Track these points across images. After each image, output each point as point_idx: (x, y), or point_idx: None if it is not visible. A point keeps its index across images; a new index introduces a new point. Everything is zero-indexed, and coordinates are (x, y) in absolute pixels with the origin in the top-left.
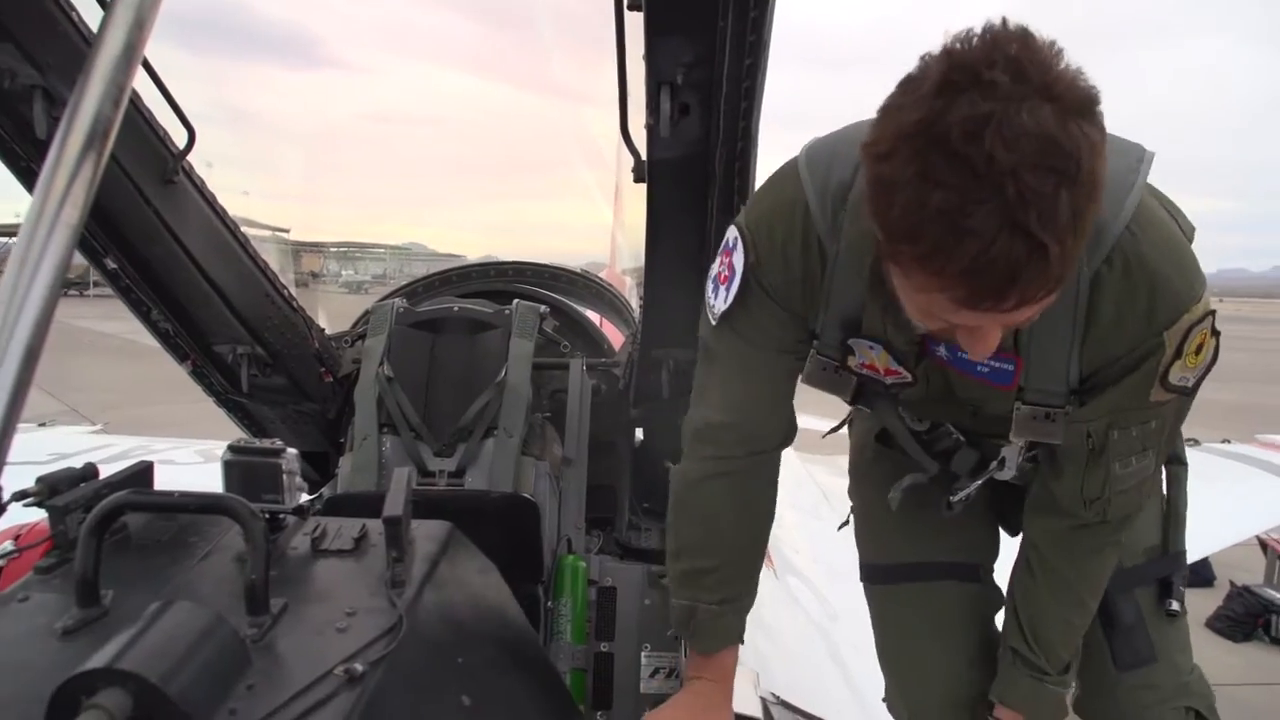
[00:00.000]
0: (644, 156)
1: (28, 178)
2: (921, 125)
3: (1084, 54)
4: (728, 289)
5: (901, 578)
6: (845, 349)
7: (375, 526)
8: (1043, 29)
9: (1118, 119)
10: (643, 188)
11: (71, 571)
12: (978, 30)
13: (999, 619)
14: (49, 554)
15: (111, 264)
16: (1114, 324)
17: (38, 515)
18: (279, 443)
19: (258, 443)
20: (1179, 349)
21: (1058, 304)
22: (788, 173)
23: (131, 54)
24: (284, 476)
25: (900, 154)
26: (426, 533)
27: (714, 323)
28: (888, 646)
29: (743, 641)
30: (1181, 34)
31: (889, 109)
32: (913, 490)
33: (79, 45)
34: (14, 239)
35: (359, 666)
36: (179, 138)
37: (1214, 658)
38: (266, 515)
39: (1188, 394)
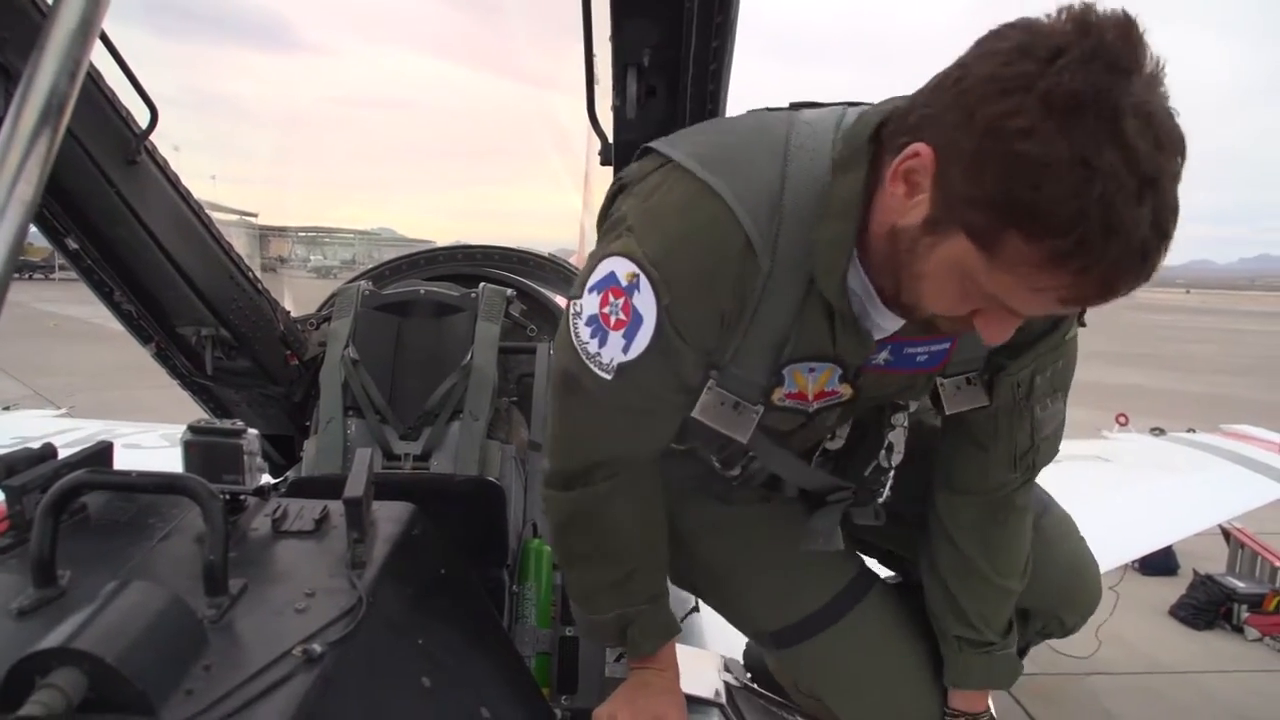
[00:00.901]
0: (611, 139)
1: None
2: (1081, 100)
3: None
4: (627, 337)
5: (822, 624)
6: (775, 378)
7: (337, 508)
8: (1008, 10)
9: None
10: (610, 171)
11: (28, 552)
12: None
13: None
14: (5, 535)
15: (73, 244)
16: None
17: None
18: (240, 423)
19: (218, 423)
20: None
21: None
22: (691, 192)
23: (88, 27)
24: (245, 457)
25: (1048, 131)
26: (389, 514)
27: (601, 374)
28: (840, 687)
29: (680, 630)
30: (1149, 23)
31: (1018, 77)
32: (784, 528)
33: (34, 18)
34: None
35: (317, 647)
36: (142, 118)
37: (1177, 645)
38: (227, 496)
39: (1082, 325)
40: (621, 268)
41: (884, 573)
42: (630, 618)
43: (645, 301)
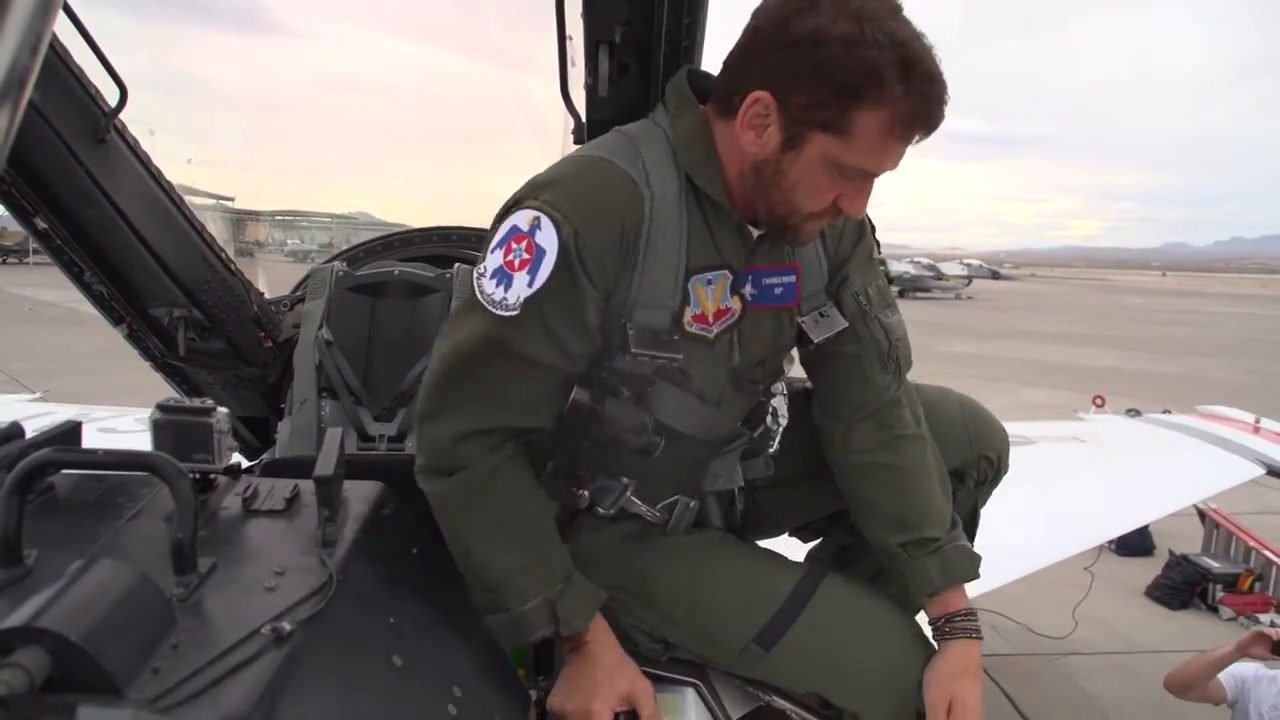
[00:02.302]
0: (584, 118)
1: None
2: None
3: (1020, 28)
4: (530, 272)
5: (798, 608)
6: (681, 295)
7: (308, 487)
8: (975, 2)
9: (1054, 92)
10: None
11: None
12: None
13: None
14: None
15: (42, 224)
16: None
17: None
18: (209, 401)
19: (188, 402)
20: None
21: None
22: (571, 158)
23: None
24: (214, 436)
25: (853, 26)
26: (360, 494)
27: (507, 313)
28: (834, 666)
29: (606, 593)
30: (1120, 6)
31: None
32: (731, 544)
33: None
34: None
35: (286, 625)
36: (111, 98)
37: (1152, 625)
38: (196, 475)
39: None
40: (522, 218)
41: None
42: (554, 598)
43: (547, 237)
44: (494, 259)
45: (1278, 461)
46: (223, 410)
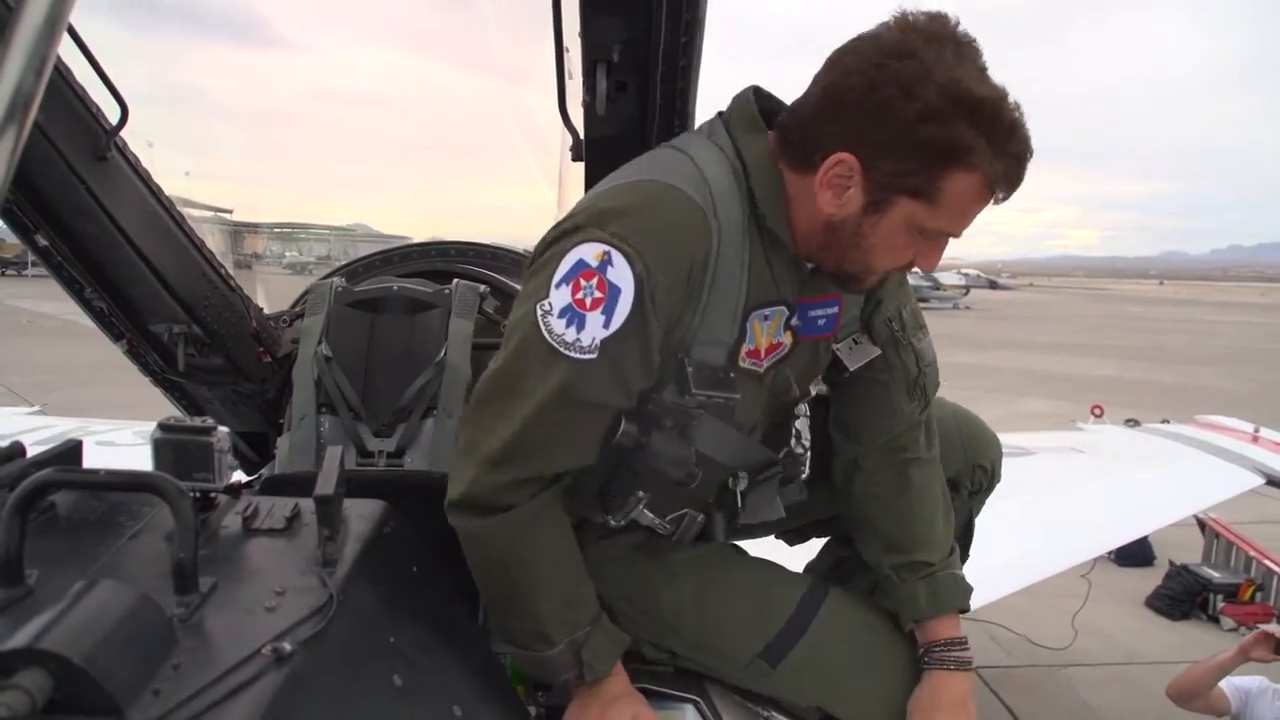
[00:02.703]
0: (582, 135)
1: None
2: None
3: (1013, 36)
4: (606, 312)
5: (804, 623)
6: (739, 331)
7: (308, 506)
8: (971, 10)
9: (1050, 101)
10: (581, 167)
11: None
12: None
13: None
14: None
15: (43, 240)
16: None
17: None
18: (210, 420)
19: (188, 420)
20: None
21: None
22: (632, 182)
23: (55, 21)
24: (215, 455)
25: (945, 91)
26: (360, 512)
27: (582, 356)
28: (838, 681)
29: (629, 639)
30: (1116, 12)
31: (901, 74)
32: (734, 555)
33: (1, 14)
34: None
35: (287, 645)
36: (112, 115)
37: (1153, 636)
38: (197, 494)
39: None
40: (589, 251)
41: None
42: (580, 642)
43: (621, 273)
44: (560, 296)
45: (1277, 471)
46: (223, 429)
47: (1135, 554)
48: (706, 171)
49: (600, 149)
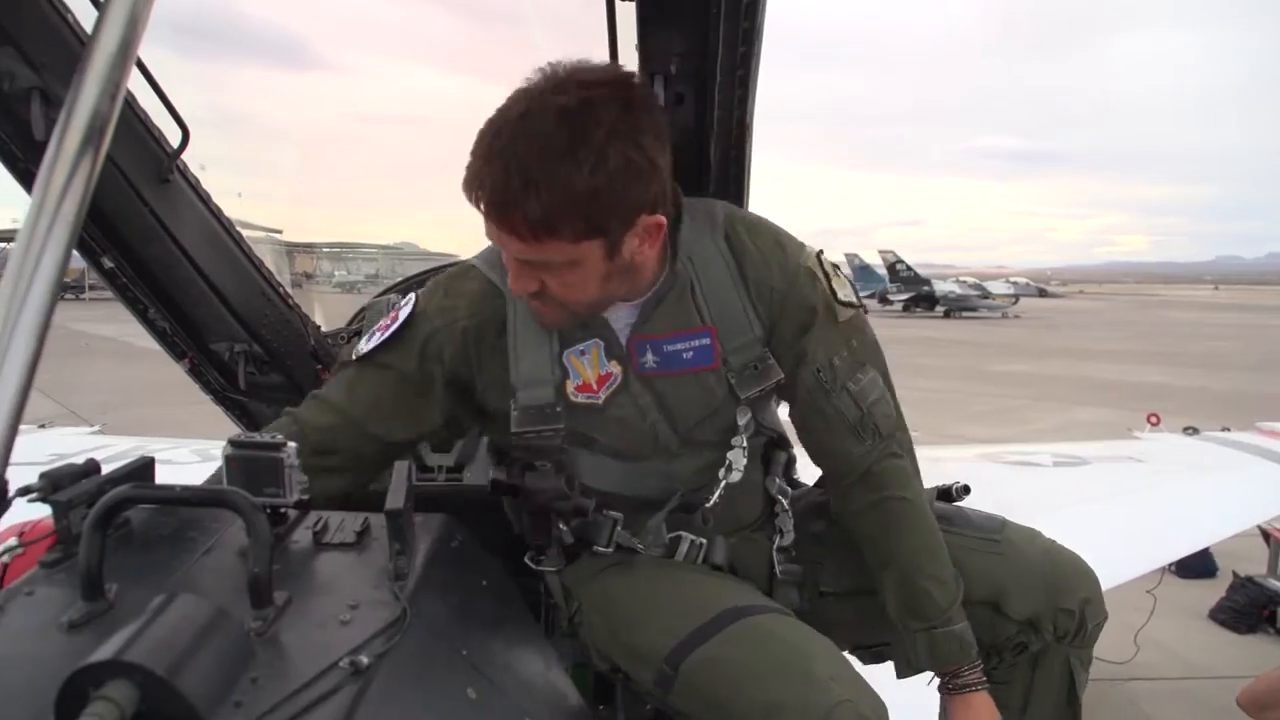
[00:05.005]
0: None
1: (27, 180)
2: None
3: (1055, 44)
4: (383, 329)
5: (711, 632)
6: (559, 369)
7: (377, 520)
8: (1015, 15)
9: (1091, 106)
10: None
11: (76, 566)
12: None
13: None
14: (53, 549)
15: (109, 263)
16: (760, 261)
17: (40, 512)
18: (279, 436)
19: (258, 436)
20: (825, 273)
21: (713, 268)
22: (456, 269)
23: (127, 50)
24: (285, 470)
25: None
26: (429, 526)
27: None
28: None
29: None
30: (1151, 23)
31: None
32: (688, 570)
33: (74, 46)
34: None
35: (365, 658)
36: (173, 138)
37: (1218, 649)
38: (268, 509)
39: (858, 307)
40: (397, 305)
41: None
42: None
43: (406, 305)
44: (366, 341)
45: None
46: (292, 445)
47: (1197, 566)
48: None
49: None
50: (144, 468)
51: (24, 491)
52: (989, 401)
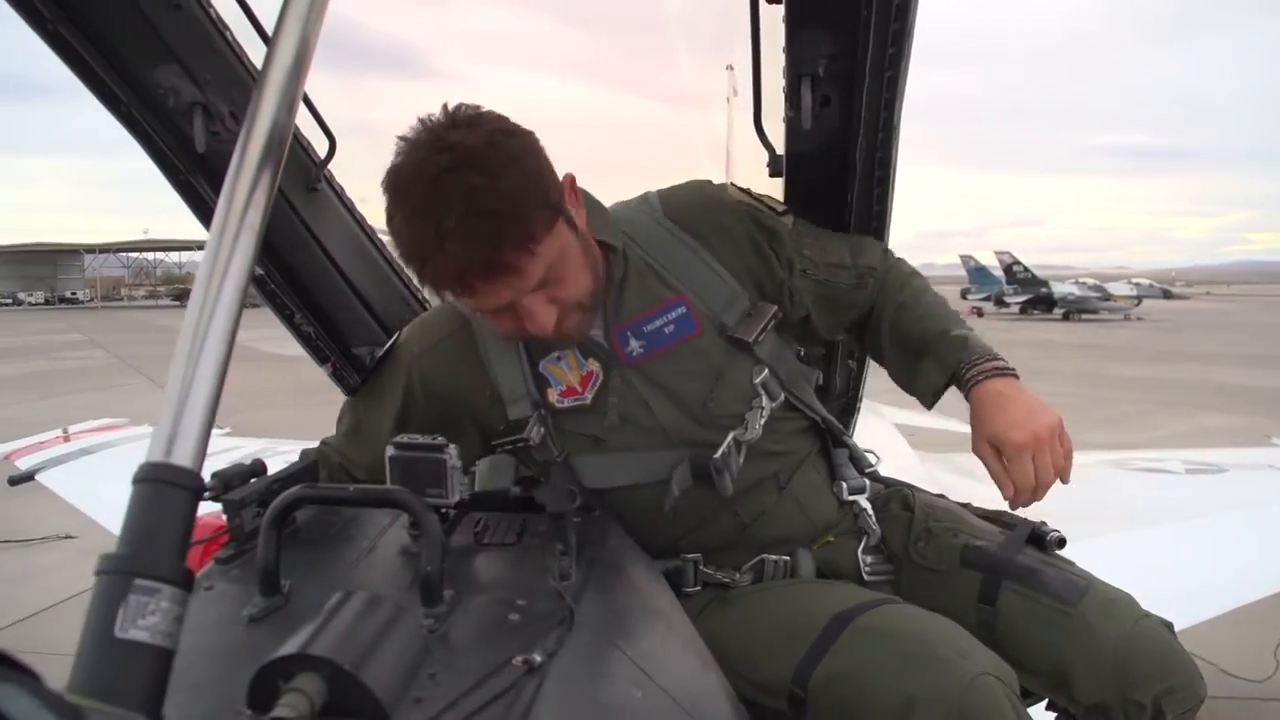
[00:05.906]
0: (779, 151)
1: (186, 191)
2: None
3: (1180, 38)
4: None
5: (826, 646)
6: (538, 379)
7: (534, 521)
8: (1140, 4)
9: (1219, 100)
10: (779, 183)
11: (249, 562)
12: None
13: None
14: (226, 546)
15: (259, 270)
16: (701, 207)
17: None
18: (440, 438)
19: (420, 438)
20: (749, 193)
21: (667, 245)
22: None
23: (301, 62)
24: (448, 471)
25: None
26: (589, 526)
27: None
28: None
29: None
30: (1237, 20)
31: None
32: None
33: (233, 62)
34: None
35: (538, 656)
36: (320, 147)
37: None
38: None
39: (787, 211)
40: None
41: None
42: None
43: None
44: None
45: None
46: (453, 446)
47: None
48: None
49: (802, 164)
50: (309, 468)
51: None
52: (1111, 407)
